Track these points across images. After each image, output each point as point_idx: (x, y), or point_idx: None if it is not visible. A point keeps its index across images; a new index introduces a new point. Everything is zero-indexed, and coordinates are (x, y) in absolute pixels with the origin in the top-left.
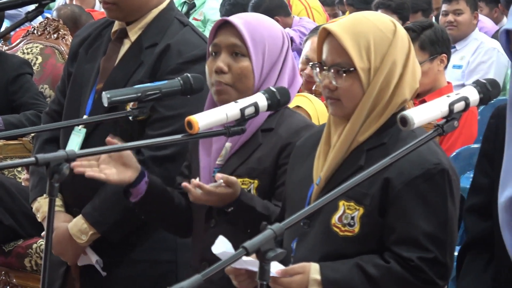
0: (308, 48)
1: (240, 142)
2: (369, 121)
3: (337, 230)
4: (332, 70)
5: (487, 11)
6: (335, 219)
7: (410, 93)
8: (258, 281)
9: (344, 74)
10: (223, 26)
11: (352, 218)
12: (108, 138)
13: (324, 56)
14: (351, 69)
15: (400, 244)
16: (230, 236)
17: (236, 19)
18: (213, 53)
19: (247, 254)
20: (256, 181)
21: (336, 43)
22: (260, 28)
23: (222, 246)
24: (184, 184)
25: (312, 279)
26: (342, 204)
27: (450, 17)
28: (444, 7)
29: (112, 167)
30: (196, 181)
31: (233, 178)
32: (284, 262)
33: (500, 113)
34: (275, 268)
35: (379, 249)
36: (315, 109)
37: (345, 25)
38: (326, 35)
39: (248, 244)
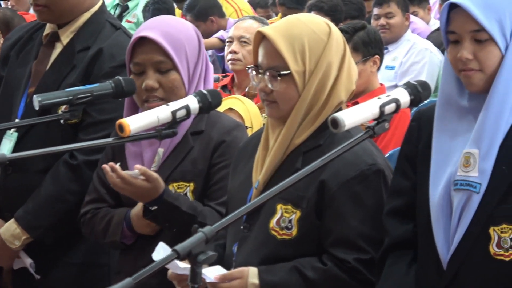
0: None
1: (172, 146)
2: (305, 124)
3: (275, 233)
4: (268, 74)
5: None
6: (273, 222)
7: (346, 95)
8: (189, 284)
9: (279, 78)
10: (140, 42)
11: (290, 221)
12: None
13: (259, 59)
14: (286, 72)
15: (337, 246)
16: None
17: (153, 33)
18: (137, 72)
19: (178, 257)
20: (191, 184)
21: (271, 47)
22: (178, 35)
23: (162, 253)
24: (104, 165)
25: (250, 284)
26: (279, 208)
27: (382, 21)
28: (375, 11)
29: None
30: (113, 163)
31: (153, 173)
32: (226, 265)
33: (421, 116)
34: (216, 273)
35: (318, 251)
36: (248, 111)
37: (280, 28)
38: (261, 38)
39: (179, 247)
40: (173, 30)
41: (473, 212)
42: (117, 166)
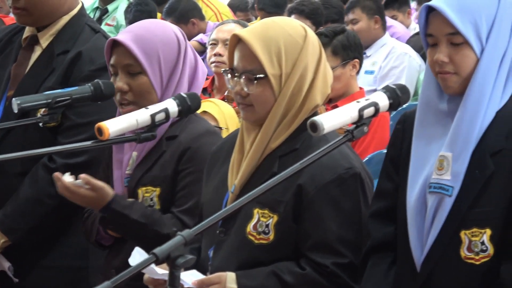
0: (215, 32)
1: (146, 150)
2: (281, 127)
3: (252, 238)
4: (244, 77)
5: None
6: (250, 227)
7: (321, 98)
8: (168, 287)
9: (256, 81)
10: (115, 44)
11: (267, 226)
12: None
13: (235, 62)
14: (262, 75)
15: (315, 250)
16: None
17: (126, 36)
18: (113, 73)
19: (157, 261)
20: (158, 189)
21: (247, 50)
22: (152, 39)
23: (138, 257)
24: (53, 174)
25: None
26: (256, 212)
27: (349, 27)
28: (346, 17)
29: None
30: (58, 173)
31: (98, 183)
32: (202, 269)
33: (406, 119)
34: (192, 277)
35: (295, 255)
36: (222, 113)
37: (256, 31)
38: (237, 41)
39: (157, 250)
40: (147, 33)
41: (445, 215)
42: (64, 176)
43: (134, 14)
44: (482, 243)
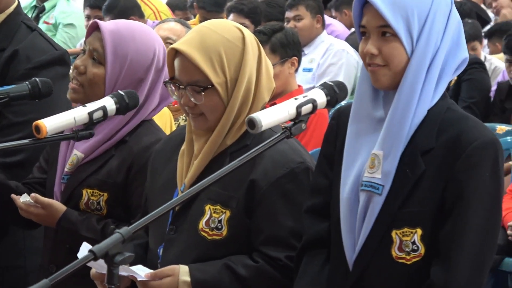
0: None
1: (97, 153)
2: (233, 130)
3: (205, 234)
4: (189, 89)
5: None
6: (202, 223)
7: (268, 94)
8: (106, 284)
9: (203, 92)
10: (97, 27)
11: (220, 221)
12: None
13: (177, 73)
14: (209, 86)
15: (268, 244)
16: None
17: (107, 24)
18: (83, 51)
19: (95, 258)
20: (105, 194)
21: (188, 62)
22: (128, 41)
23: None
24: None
25: (181, 281)
26: (208, 208)
27: (291, 24)
28: (286, 14)
29: None
30: (14, 195)
31: (45, 200)
32: (151, 267)
33: (340, 114)
34: (144, 271)
35: (247, 250)
36: None
37: (193, 42)
38: (174, 53)
39: (96, 248)
40: (127, 33)
41: (375, 214)
42: (22, 196)
43: (92, 3)
44: (413, 242)
